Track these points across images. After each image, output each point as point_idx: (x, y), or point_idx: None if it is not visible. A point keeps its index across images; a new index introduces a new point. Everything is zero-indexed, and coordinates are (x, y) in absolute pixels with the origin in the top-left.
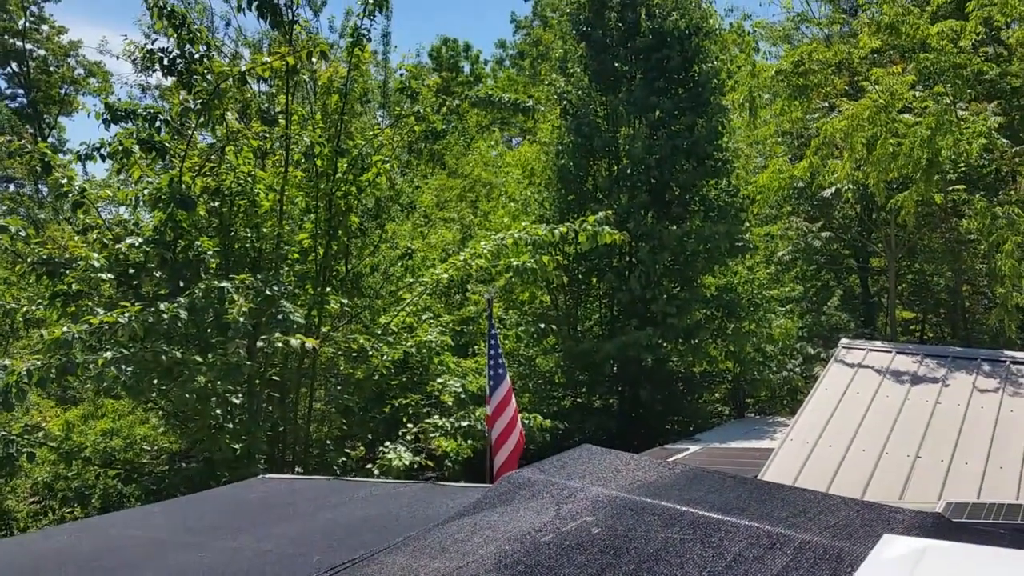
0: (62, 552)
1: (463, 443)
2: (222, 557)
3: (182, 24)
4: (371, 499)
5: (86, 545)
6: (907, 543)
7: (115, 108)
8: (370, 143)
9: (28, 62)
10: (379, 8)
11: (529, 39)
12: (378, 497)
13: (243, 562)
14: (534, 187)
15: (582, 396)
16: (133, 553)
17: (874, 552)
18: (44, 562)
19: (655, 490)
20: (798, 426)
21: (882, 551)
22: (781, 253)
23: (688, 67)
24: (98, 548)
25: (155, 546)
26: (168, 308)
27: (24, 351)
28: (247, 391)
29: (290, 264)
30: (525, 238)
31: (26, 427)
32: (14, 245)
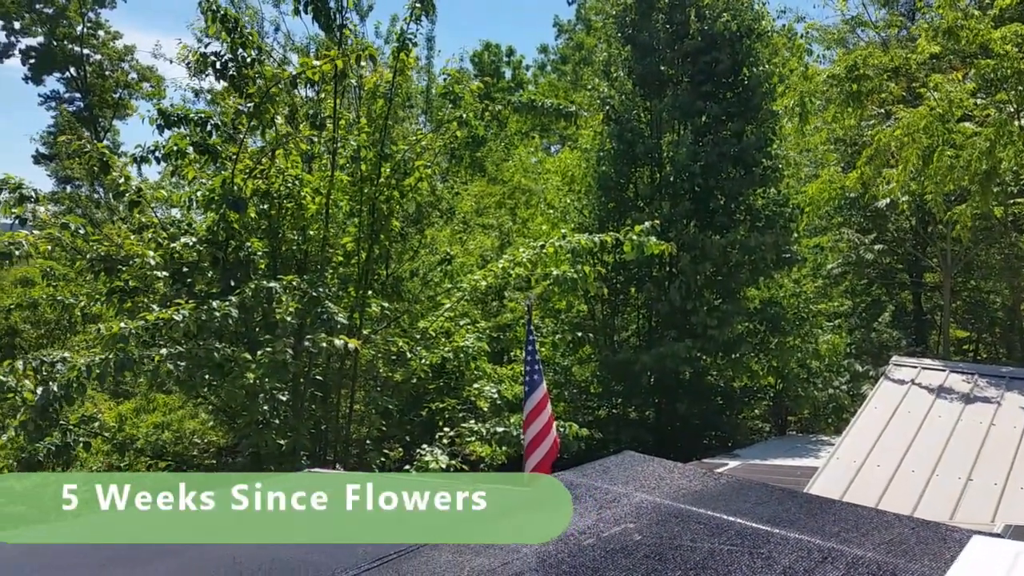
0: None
1: (498, 449)
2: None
3: (235, 28)
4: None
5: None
6: (1000, 545)
7: (168, 113)
8: (412, 148)
9: (85, 67)
10: (425, 12)
11: (572, 43)
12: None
13: (294, 550)
14: (574, 194)
15: (618, 407)
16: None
17: (965, 552)
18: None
19: (700, 499)
20: (845, 444)
21: (972, 552)
22: (830, 266)
23: (738, 71)
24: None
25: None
26: (220, 306)
27: (81, 345)
28: (292, 389)
29: (334, 267)
30: (565, 246)
31: (82, 418)
32: (74, 242)
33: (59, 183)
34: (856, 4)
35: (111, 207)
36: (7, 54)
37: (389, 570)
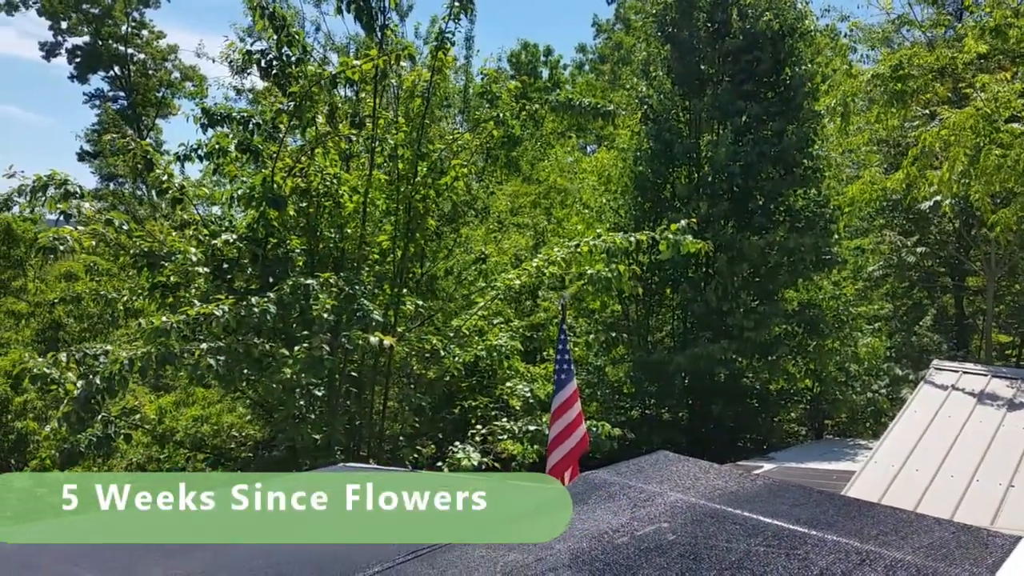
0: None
1: (529, 447)
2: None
3: (282, 27)
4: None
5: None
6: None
7: (212, 113)
8: (449, 147)
9: (129, 66)
10: (464, 11)
11: (611, 43)
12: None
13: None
14: (610, 194)
15: (651, 407)
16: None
17: (1013, 558)
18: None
19: (736, 500)
20: (884, 448)
21: (1019, 557)
22: (871, 268)
23: (779, 70)
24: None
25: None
26: (259, 303)
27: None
28: (328, 385)
29: (370, 264)
30: (600, 246)
31: (124, 410)
32: (118, 238)
33: (102, 180)
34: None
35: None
36: (54, 53)
37: (423, 564)
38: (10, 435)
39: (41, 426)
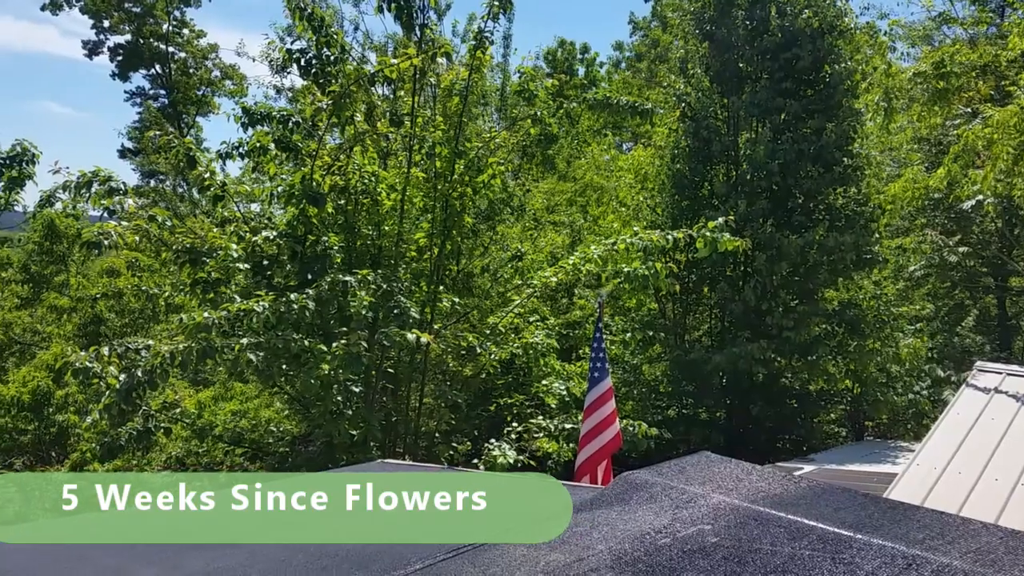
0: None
1: (564, 445)
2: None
3: (320, 27)
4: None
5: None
6: None
7: (252, 112)
8: (487, 145)
9: (170, 64)
10: (503, 11)
11: (647, 41)
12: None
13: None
14: (646, 192)
15: (688, 407)
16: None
17: None
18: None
19: (780, 502)
20: (926, 450)
21: None
22: (912, 268)
23: (818, 67)
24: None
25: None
26: (298, 299)
27: (163, 334)
28: (364, 381)
29: (407, 262)
30: (637, 244)
31: (164, 404)
32: (160, 234)
33: (143, 177)
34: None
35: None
36: (96, 51)
37: (465, 561)
38: (51, 428)
39: (82, 419)
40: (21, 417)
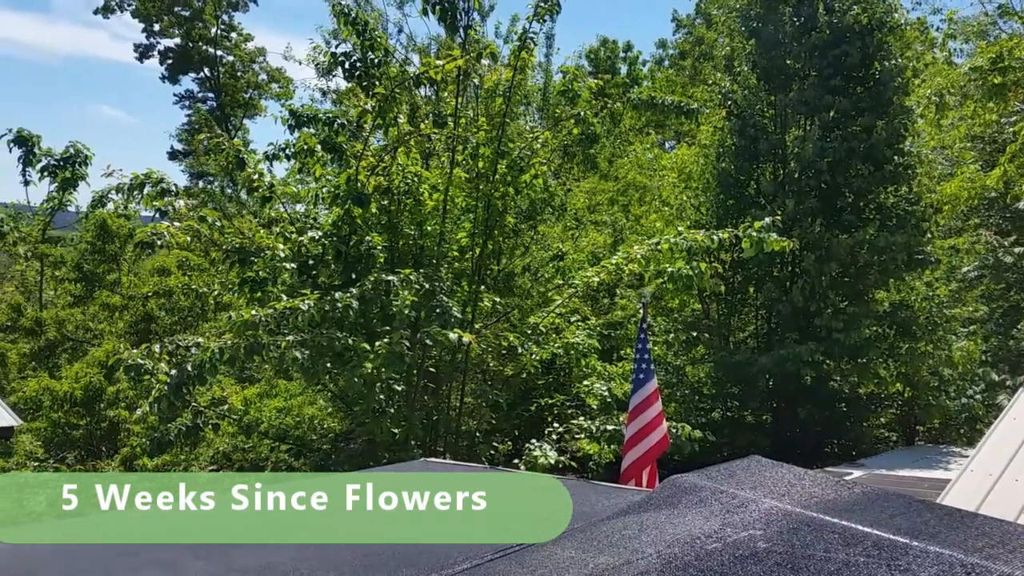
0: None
1: (605, 447)
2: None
3: (365, 30)
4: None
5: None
6: None
7: (299, 114)
8: (529, 145)
9: (218, 68)
10: (550, 13)
11: (691, 38)
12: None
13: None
14: (690, 191)
15: (733, 410)
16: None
17: None
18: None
19: (833, 508)
20: (980, 456)
21: None
22: (966, 269)
23: (868, 64)
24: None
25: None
26: (342, 298)
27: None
28: (406, 380)
29: (449, 261)
30: (681, 244)
31: (212, 400)
32: (211, 234)
33: (192, 178)
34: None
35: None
36: (147, 55)
37: (512, 562)
38: (102, 423)
39: (132, 414)
40: (73, 412)
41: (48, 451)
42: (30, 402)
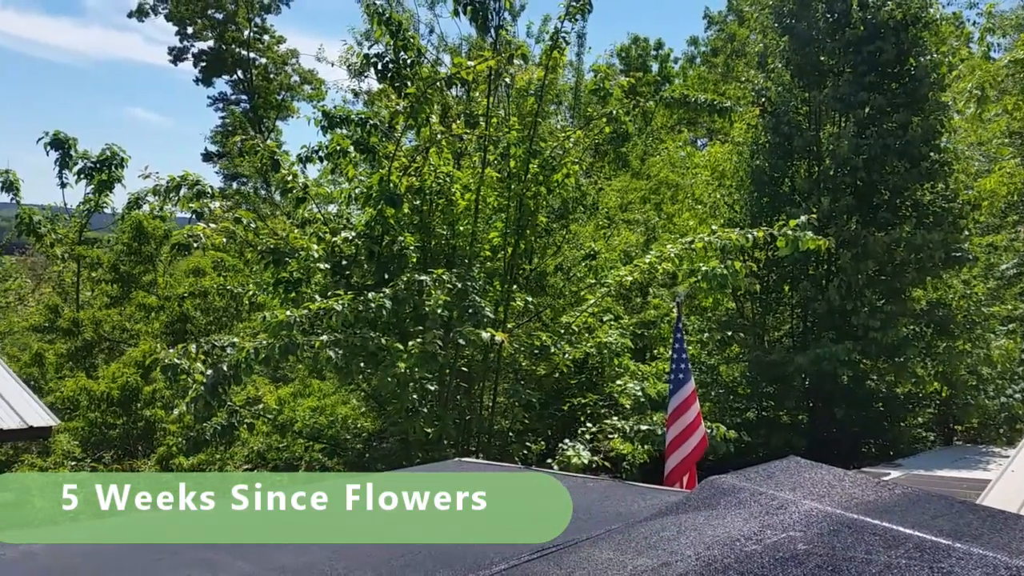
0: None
1: (639, 447)
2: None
3: (397, 31)
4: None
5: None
6: None
7: (331, 115)
8: (561, 144)
9: (251, 70)
10: (581, 13)
11: (723, 35)
12: (568, 489)
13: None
14: (724, 189)
15: (768, 409)
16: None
17: None
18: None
19: (873, 509)
20: (1021, 456)
21: None
22: (1004, 266)
23: (903, 60)
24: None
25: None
26: (375, 298)
27: (245, 332)
28: (439, 379)
29: (481, 261)
30: (715, 242)
31: (247, 400)
32: (246, 235)
33: (226, 180)
34: None
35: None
36: (181, 57)
37: (550, 563)
38: (139, 423)
39: (168, 414)
40: (110, 412)
41: (85, 451)
42: (67, 402)
